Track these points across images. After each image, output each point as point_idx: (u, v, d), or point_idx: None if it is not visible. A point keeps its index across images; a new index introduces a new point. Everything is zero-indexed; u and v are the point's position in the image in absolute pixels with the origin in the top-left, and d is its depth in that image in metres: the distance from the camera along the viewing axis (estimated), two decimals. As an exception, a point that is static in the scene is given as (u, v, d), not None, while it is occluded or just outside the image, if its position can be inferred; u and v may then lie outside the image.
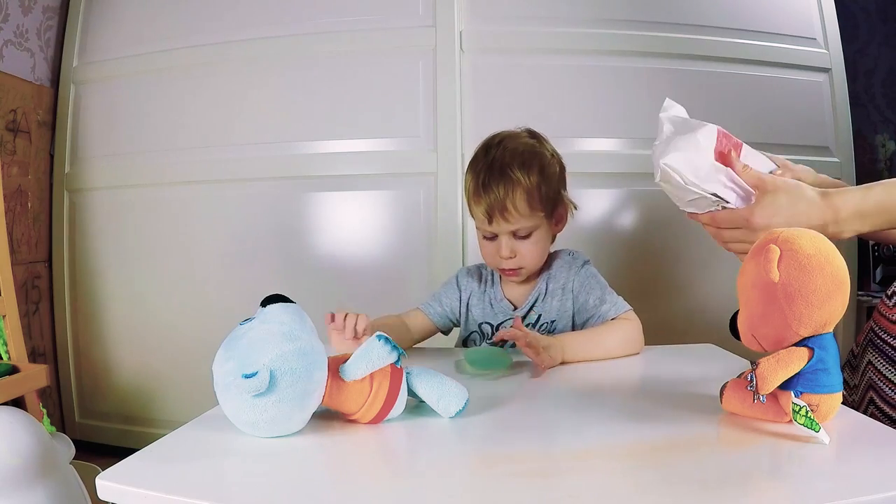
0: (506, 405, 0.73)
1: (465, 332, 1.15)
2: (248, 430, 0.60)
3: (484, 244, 1.06)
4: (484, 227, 1.03)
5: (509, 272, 1.06)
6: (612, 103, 1.85)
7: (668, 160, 0.81)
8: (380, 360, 0.63)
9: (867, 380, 0.84)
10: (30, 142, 2.02)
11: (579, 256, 1.12)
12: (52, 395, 2.10)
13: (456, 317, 1.15)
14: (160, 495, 0.49)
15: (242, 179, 1.95)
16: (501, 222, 1.01)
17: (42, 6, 2.05)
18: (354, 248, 1.91)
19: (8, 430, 1.09)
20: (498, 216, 1.00)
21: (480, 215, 1.02)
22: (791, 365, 0.57)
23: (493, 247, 1.04)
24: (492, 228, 1.02)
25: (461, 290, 1.14)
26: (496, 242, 1.04)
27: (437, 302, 1.14)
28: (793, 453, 0.54)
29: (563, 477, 0.51)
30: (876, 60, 2.51)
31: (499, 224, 1.01)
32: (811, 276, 0.56)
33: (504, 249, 1.02)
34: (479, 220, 1.04)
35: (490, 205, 1.00)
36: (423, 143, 1.85)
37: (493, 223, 1.01)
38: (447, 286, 1.16)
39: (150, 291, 2.03)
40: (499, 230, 1.02)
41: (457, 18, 1.85)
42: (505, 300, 1.12)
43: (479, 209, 1.02)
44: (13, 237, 1.92)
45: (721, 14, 1.89)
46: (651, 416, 0.68)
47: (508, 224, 1.01)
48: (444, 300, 1.14)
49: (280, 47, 1.93)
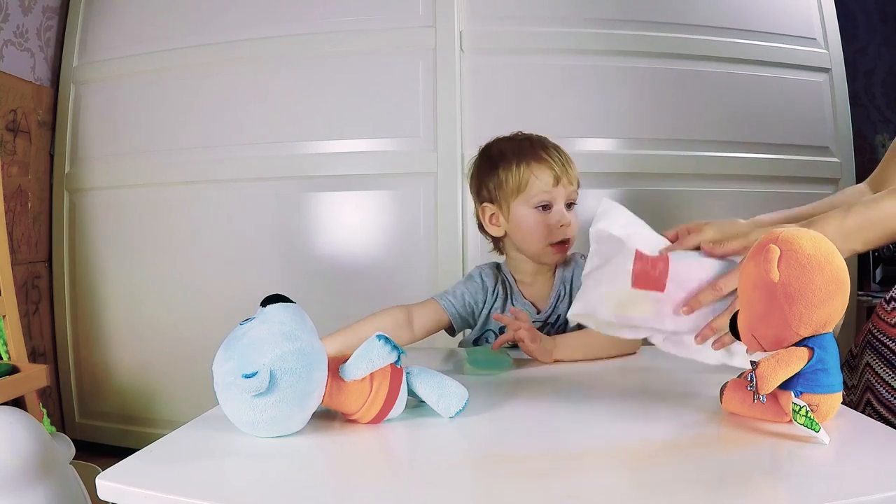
0: (506, 405, 0.73)
1: (480, 331, 1.11)
2: (248, 430, 0.60)
3: (538, 218, 1.04)
4: (547, 190, 1.03)
5: (561, 246, 1.05)
6: (613, 103, 1.85)
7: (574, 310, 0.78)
8: (380, 360, 0.63)
9: (865, 382, 0.84)
10: (30, 142, 2.02)
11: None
12: (52, 395, 2.10)
13: (476, 316, 1.10)
14: (160, 495, 0.49)
15: (242, 179, 1.95)
16: (567, 184, 1.04)
17: (42, 6, 2.05)
18: (354, 248, 1.91)
19: (8, 430, 1.09)
20: (564, 176, 1.03)
21: (547, 178, 1.03)
22: (791, 365, 0.57)
23: (549, 217, 1.04)
24: (556, 191, 1.03)
25: (487, 290, 1.10)
26: (552, 212, 1.04)
27: (457, 298, 1.08)
28: (793, 453, 0.54)
29: (563, 477, 0.51)
30: (876, 60, 2.51)
31: (564, 185, 1.03)
32: (811, 276, 0.56)
33: (567, 215, 1.04)
34: (540, 187, 1.03)
35: (559, 163, 1.03)
36: (423, 143, 1.85)
37: (560, 184, 1.03)
38: (470, 283, 1.11)
39: (150, 291, 2.03)
40: (559, 195, 1.04)
41: (457, 18, 1.84)
42: (526, 301, 1.10)
43: (545, 172, 1.03)
44: (13, 237, 1.92)
45: (721, 14, 1.89)
46: (651, 416, 0.68)
47: (571, 186, 1.04)
48: (468, 298, 1.09)
49: (280, 47, 1.93)
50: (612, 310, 0.76)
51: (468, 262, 1.80)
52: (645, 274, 0.75)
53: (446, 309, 1.07)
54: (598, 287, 0.77)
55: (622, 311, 0.76)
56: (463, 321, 1.10)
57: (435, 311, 1.07)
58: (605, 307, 0.76)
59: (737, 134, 1.88)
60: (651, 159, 1.85)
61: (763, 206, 1.33)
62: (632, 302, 0.75)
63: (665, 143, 1.86)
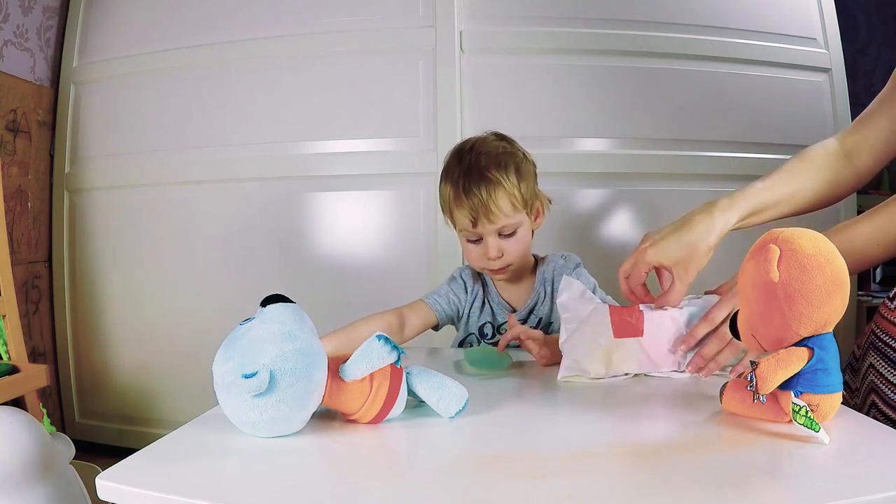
0: (506, 405, 0.73)
1: (464, 333, 1.14)
2: (248, 430, 0.60)
3: (470, 248, 1.07)
4: (468, 230, 1.04)
5: (498, 272, 1.07)
6: (613, 104, 1.85)
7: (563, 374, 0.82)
8: (380, 360, 0.63)
9: (868, 383, 0.83)
10: (30, 142, 2.02)
11: (571, 259, 1.14)
12: (52, 395, 2.10)
13: (458, 315, 1.14)
14: (160, 495, 0.49)
15: (242, 179, 1.95)
16: (486, 223, 1.02)
17: (42, 6, 2.05)
18: (354, 247, 1.91)
19: (8, 430, 1.09)
20: (483, 218, 1.01)
21: (464, 220, 1.03)
22: (791, 365, 0.57)
23: (479, 249, 1.05)
24: (477, 230, 1.03)
25: (468, 290, 1.14)
26: (482, 245, 1.05)
27: (442, 298, 1.12)
28: (793, 453, 0.54)
29: (563, 477, 0.51)
30: (876, 60, 2.51)
31: (484, 225, 1.02)
32: (811, 276, 0.56)
33: (492, 250, 1.03)
34: (462, 225, 1.05)
35: (474, 207, 1.01)
36: (423, 143, 1.85)
37: (479, 225, 1.02)
38: (453, 283, 1.15)
39: (150, 291, 2.03)
40: (484, 231, 1.03)
41: (457, 18, 1.85)
42: (503, 301, 1.12)
43: (463, 213, 1.03)
44: (13, 237, 1.92)
45: (721, 14, 1.89)
46: (651, 415, 0.68)
47: (493, 224, 1.02)
48: (452, 297, 1.13)
49: (280, 47, 1.93)
50: (600, 365, 0.81)
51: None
52: (624, 322, 0.81)
53: (433, 307, 1.11)
54: (580, 346, 0.82)
55: (609, 364, 0.81)
56: (449, 319, 1.14)
57: (424, 312, 1.11)
58: (592, 364, 0.81)
59: (736, 134, 1.88)
60: (651, 159, 1.85)
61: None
62: (616, 352, 0.81)
63: (665, 143, 1.86)
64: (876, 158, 0.92)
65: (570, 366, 0.81)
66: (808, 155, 0.93)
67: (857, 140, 0.92)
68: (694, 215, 0.85)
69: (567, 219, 1.84)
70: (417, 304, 1.12)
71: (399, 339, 1.06)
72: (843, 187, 0.93)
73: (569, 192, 1.83)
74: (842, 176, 0.92)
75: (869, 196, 2.33)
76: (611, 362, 0.81)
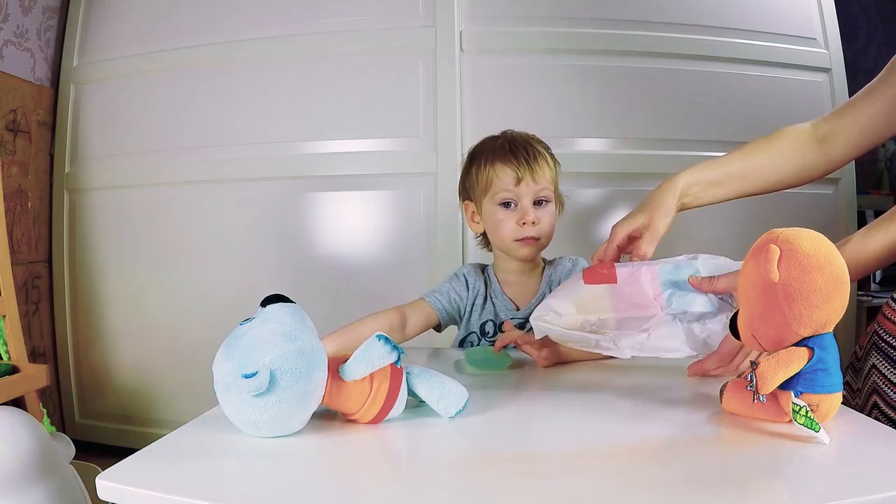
0: (506, 405, 0.73)
1: (465, 331, 1.14)
2: (248, 430, 0.60)
3: (501, 217, 1.05)
4: (509, 189, 1.04)
5: (528, 240, 1.05)
6: (613, 103, 1.86)
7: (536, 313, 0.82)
8: (380, 360, 0.63)
9: (871, 384, 0.83)
10: (30, 142, 2.02)
11: (580, 263, 1.13)
12: (52, 395, 2.10)
13: (460, 314, 1.13)
14: (160, 495, 0.49)
15: (242, 179, 1.95)
16: (530, 181, 1.03)
17: (42, 6, 2.05)
18: (354, 247, 1.91)
19: (8, 430, 1.09)
20: (528, 175, 1.02)
21: (507, 178, 1.03)
22: (791, 365, 0.57)
23: (515, 215, 1.04)
24: (518, 189, 1.03)
25: (469, 287, 1.13)
26: (516, 210, 1.04)
27: (443, 296, 1.11)
28: (793, 453, 0.54)
29: (563, 477, 0.51)
30: (876, 60, 2.51)
31: (527, 184, 1.03)
32: (811, 276, 0.56)
33: (529, 213, 1.03)
34: (502, 185, 1.04)
35: (520, 163, 1.03)
36: (423, 143, 1.85)
37: (522, 183, 1.03)
38: (455, 281, 1.14)
39: (150, 291, 2.03)
40: (526, 192, 1.03)
41: (457, 19, 1.85)
42: (507, 298, 1.12)
43: (507, 170, 1.03)
44: (13, 237, 1.92)
45: (721, 14, 1.89)
46: (651, 416, 0.68)
47: (536, 185, 1.03)
48: (453, 295, 1.11)
49: (280, 47, 1.93)
50: (571, 305, 0.81)
51: (468, 261, 1.80)
52: (596, 272, 0.82)
53: (434, 306, 1.10)
54: (556, 294, 0.84)
55: (582, 307, 0.80)
56: (450, 318, 1.13)
57: (425, 310, 1.10)
58: (563, 304, 0.81)
59: (736, 134, 1.87)
60: (651, 159, 1.85)
61: (760, 204, 1.33)
62: (589, 297, 0.81)
63: (665, 143, 1.86)
64: (851, 148, 0.93)
65: (542, 306, 0.82)
66: (773, 135, 0.96)
67: (833, 127, 0.93)
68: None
69: (566, 219, 1.82)
70: (418, 302, 1.11)
71: (401, 337, 1.05)
72: (810, 170, 0.95)
73: (568, 191, 1.81)
74: (809, 160, 0.94)
75: (869, 196, 2.33)
76: (584, 306, 0.80)
